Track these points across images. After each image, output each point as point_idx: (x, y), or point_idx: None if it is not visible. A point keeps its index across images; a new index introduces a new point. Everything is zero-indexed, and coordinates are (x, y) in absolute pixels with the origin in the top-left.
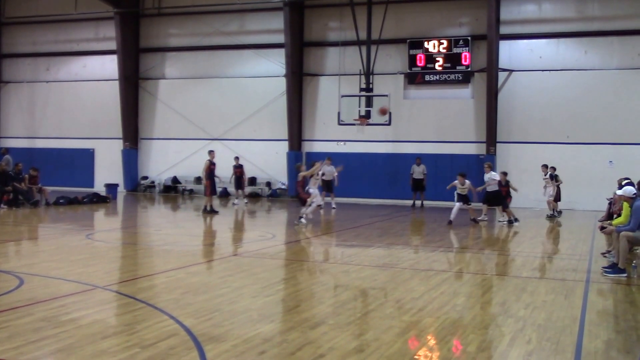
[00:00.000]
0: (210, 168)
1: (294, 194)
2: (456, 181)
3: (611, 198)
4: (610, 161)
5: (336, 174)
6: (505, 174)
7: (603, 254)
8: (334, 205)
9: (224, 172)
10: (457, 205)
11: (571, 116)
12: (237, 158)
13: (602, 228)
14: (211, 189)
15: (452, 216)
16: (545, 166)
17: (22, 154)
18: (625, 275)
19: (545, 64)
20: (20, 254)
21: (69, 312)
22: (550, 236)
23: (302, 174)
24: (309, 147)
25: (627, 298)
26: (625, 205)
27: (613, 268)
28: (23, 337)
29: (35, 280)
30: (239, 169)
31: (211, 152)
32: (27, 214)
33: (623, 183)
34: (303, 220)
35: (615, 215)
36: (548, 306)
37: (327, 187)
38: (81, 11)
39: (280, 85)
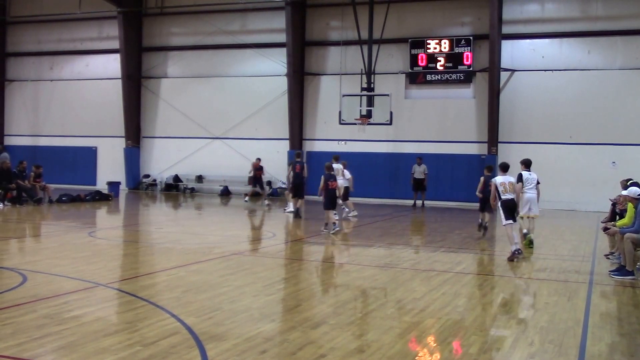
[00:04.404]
0: (300, 175)
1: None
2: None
3: (614, 199)
4: (614, 162)
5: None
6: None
7: (606, 255)
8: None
9: (226, 171)
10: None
11: (574, 116)
12: (260, 159)
13: (605, 229)
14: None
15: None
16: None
17: (25, 152)
18: (633, 277)
19: (548, 64)
20: (23, 251)
21: (72, 309)
22: (553, 237)
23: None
24: (309, 146)
25: (631, 300)
26: (630, 206)
27: (620, 270)
28: (26, 334)
29: (38, 277)
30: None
31: (298, 158)
32: (30, 212)
33: (628, 184)
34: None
35: (618, 217)
36: (551, 308)
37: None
38: (85, 10)
39: (281, 84)
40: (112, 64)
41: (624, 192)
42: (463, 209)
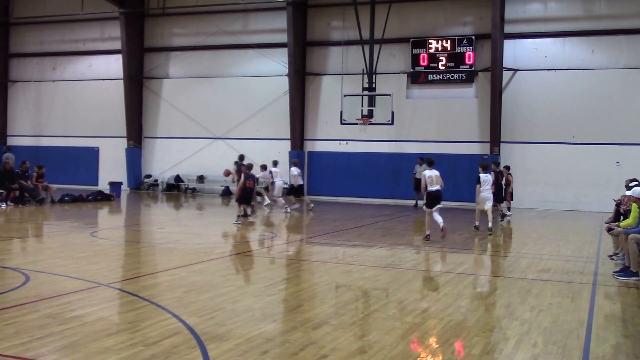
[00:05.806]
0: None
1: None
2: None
3: (618, 199)
4: (617, 162)
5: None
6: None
7: (610, 256)
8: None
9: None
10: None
11: (577, 116)
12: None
13: (609, 230)
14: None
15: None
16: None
17: (28, 152)
18: (637, 278)
19: (551, 63)
20: (26, 251)
21: (74, 309)
22: (556, 238)
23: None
24: (311, 146)
25: (635, 302)
26: (634, 206)
27: (624, 271)
28: (29, 334)
29: (40, 277)
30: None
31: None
32: (33, 212)
33: (631, 184)
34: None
35: (622, 217)
36: (554, 309)
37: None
38: (87, 11)
39: (283, 84)
40: (114, 65)
41: (628, 193)
42: (465, 209)
